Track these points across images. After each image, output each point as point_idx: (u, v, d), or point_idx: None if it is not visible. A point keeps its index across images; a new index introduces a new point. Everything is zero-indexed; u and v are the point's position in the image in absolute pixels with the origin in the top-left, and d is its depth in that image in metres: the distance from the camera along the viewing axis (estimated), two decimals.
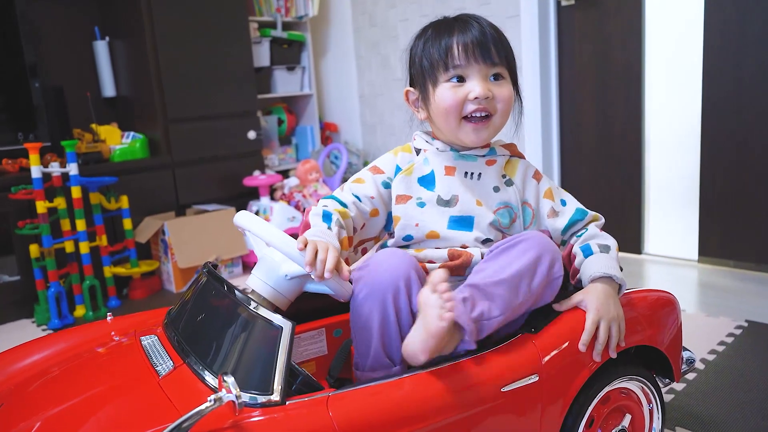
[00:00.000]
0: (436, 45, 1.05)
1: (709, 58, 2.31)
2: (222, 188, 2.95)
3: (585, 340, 0.97)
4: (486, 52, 1.02)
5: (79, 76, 2.87)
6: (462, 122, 1.06)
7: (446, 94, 1.04)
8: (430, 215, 1.08)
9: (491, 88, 1.04)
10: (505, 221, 1.08)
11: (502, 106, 1.05)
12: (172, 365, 0.90)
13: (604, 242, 1.08)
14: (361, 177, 1.14)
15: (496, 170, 1.11)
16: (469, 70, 1.03)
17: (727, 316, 1.92)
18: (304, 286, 1.04)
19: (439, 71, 1.05)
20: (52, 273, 2.26)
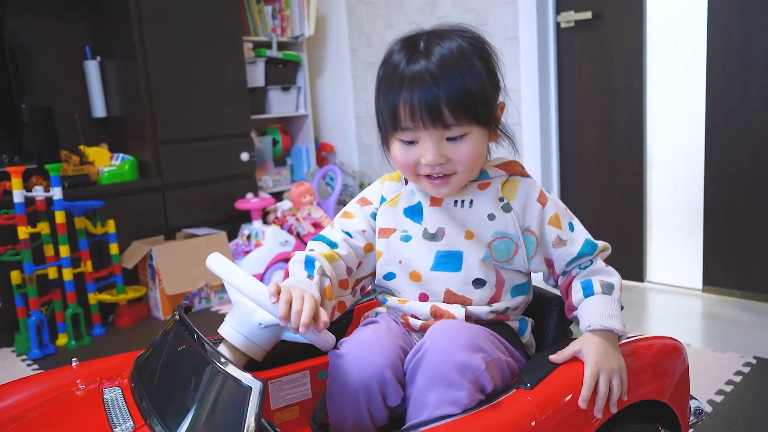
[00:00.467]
0: (384, 99, 0.92)
1: (713, 80, 2.25)
2: (213, 211, 2.88)
3: (584, 396, 0.89)
4: (436, 116, 0.87)
5: (69, 96, 2.81)
6: (420, 177, 0.95)
7: (398, 153, 0.94)
8: (415, 251, 0.99)
9: (445, 151, 0.91)
10: (501, 255, 0.97)
11: (463, 166, 0.92)
12: (132, 426, 0.82)
13: (608, 280, 0.99)
14: (349, 211, 1.06)
15: (491, 194, 0.98)
16: (418, 133, 0.90)
17: (734, 352, 1.84)
18: (281, 334, 0.96)
19: (390, 127, 0.93)
20: (33, 301, 2.18)
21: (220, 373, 0.80)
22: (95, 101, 2.84)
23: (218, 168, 2.89)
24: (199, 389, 0.82)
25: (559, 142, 2.71)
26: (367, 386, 0.89)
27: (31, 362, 2.14)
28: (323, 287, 0.94)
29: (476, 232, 0.97)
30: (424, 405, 0.86)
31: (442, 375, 0.84)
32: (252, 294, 0.86)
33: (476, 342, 0.87)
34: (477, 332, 0.89)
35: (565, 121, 2.68)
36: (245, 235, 2.82)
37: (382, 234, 1.02)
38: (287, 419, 1.21)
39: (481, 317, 0.98)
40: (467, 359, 0.84)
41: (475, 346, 0.86)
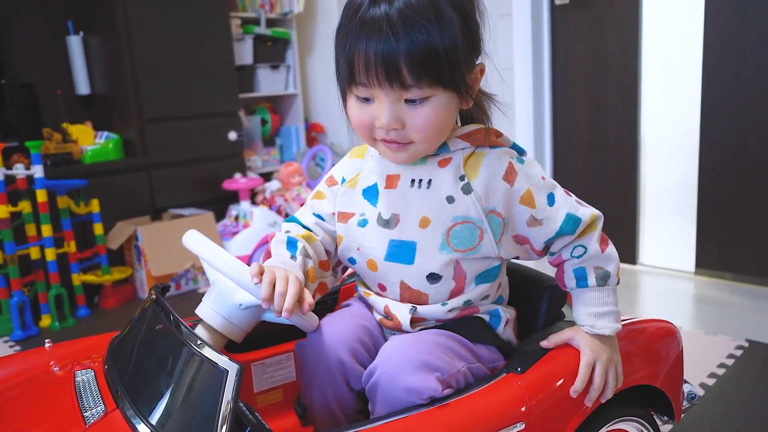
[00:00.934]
0: (341, 47, 0.79)
1: (709, 60, 2.21)
2: (200, 192, 2.83)
3: (578, 387, 0.85)
4: (393, 74, 0.75)
5: (52, 72, 2.74)
6: (376, 141, 0.84)
7: (353, 112, 0.83)
8: (370, 238, 0.91)
9: (403, 114, 0.79)
10: (463, 243, 0.85)
11: (420, 134, 0.80)
12: (103, 410, 0.79)
13: (604, 267, 0.89)
14: (320, 190, 0.99)
15: (451, 172, 0.85)
16: (373, 90, 0.78)
17: (726, 335, 1.82)
18: (262, 315, 0.92)
19: (345, 80, 0.81)
20: (15, 281, 2.13)
21: (195, 356, 0.77)
22: (79, 78, 2.77)
23: (205, 147, 2.83)
24: (174, 372, 0.78)
25: (553, 122, 2.66)
26: (328, 371, 0.87)
27: (13, 343, 2.10)
28: (306, 268, 0.90)
29: (433, 217, 0.86)
30: None
31: (395, 400, 0.80)
32: (231, 273, 0.83)
33: (428, 360, 0.80)
34: (431, 348, 0.82)
35: (559, 100, 2.63)
36: (233, 215, 2.77)
37: (341, 218, 0.95)
38: (271, 402, 1.18)
39: (438, 317, 0.90)
40: (418, 383, 0.78)
41: (427, 365, 0.80)
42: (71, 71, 2.77)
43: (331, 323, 0.91)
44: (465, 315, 0.92)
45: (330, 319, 0.93)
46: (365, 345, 0.90)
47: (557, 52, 2.60)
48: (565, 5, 2.53)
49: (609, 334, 0.89)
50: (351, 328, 0.90)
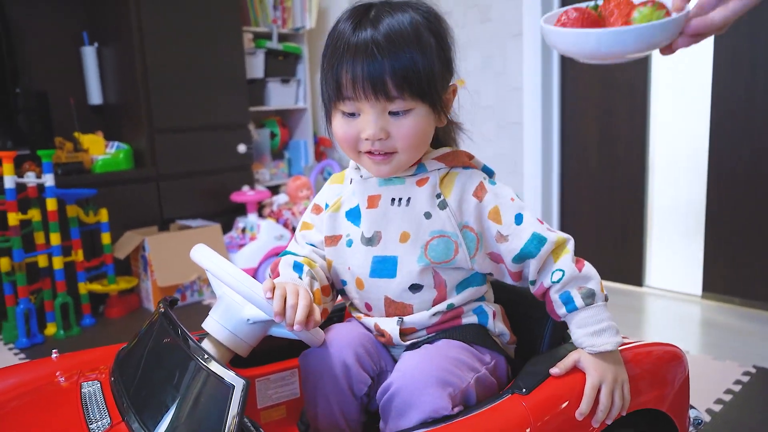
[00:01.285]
0: (328, 67, 0.86)
1: (719, 79, 2.21)
2: (208, 203, 2.84)
3: (583, 409, 0.85)
4: (379, 87, 0.82)
5: (65, 82, 2.77)
6: (361, 154, 0.89)
7: (339, 127, 0.89)
8: (356, 256, 0.94)
9: (387, 126, 0.85)
10: (439, 255, 0.89)
11: (403, 143, 0.86)
12: (109, 423, 0.79)
13: (587, 286, 0.89)
14: (307, 221, 1.03)
15: (428, 190, 0.91)
16: (360, 105, 0.85)
17: (733, 360, 1.81)
18: (269, 330, 0.93)
19: (332, 98, 0.87)
20: (22, 289, 2.14)
21: (202, 370, 0.77)
22: (91, 88, 2.80)
23: (214, 159, 2.85)
24: (180, 386, 0.78)
25: (561, 141, 2.67)
26: (332, 377, 0.89)
27: (18, 351, 2.10)
28: (313, 290, 0.92)
29: (413, 232, 0.91)
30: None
31: (408, 417, 0.83)
32: (240, 288, 0.83)
33: (442, 376, 0.83)
34: (444, 363, 0.86)
35: (567, 120, 2.64)
36: (240, 228, 2.78)
37: (329, 242, 0.98)
38: (274, 418, 1.17)
39: (425, 324, 0.93)
40: (431, 401, 0.81)
41: (441, 382, 0.83)
42: (84, 81, 2.80)
43: (335, 330, 0.94)
44: (453, 321, 0.94)
45: (334, 328, 0.96)
46: (368, 351, 0.92)
47: (566, 72, 2.61)
48: None
49: (611, 348, 0.89)
50: (355, 335, 0.93)
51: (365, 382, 0.91)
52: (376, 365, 0.93)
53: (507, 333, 1.00)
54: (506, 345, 1.00)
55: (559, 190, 2.71)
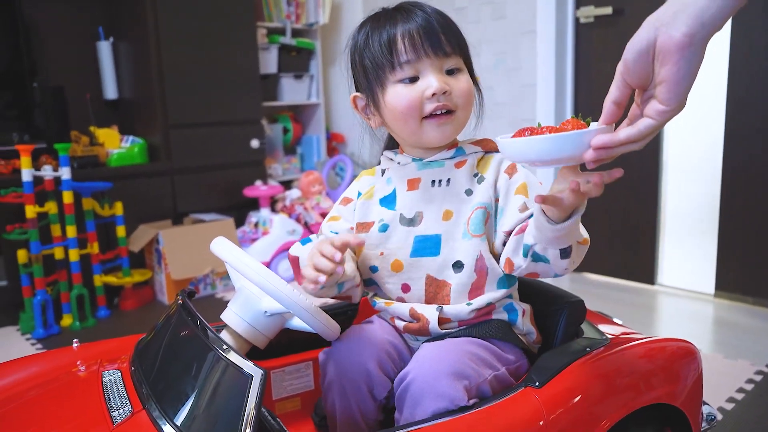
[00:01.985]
0: (377, 41, 0.91)
1: (735, 78, 2.20)
2: (221, 198, 2.87)
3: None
4: (436, 43, 0.89)
5: (81, 76, 2.80)
6: (423, 122, 0.92)
7: (399, 96, 0.91)
8: (394, 239, 0.97)
9: (448, 81, 0.91)
10: (477, 227, 0.92)
11: (463, 100, 0.93)
12: (130, 410, 0.80)
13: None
14: (334, 214, 1.06)
15: (467, 171, 0.96)
16: (419, 65, 0.90)
17: (745, 359, 1.80)
18: (286, 323, 0.94)
19: (386, 71, 0.91)
20: (39, 280, 2.17)
21: (221, 360, 0.78)
22: (107, 82, 2.83)
23: (228, 154, 2.87)
24: (199, 376, 0.80)
25: None
26: (354, 382, 0.91)
27: (35, 341, 2.13)
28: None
29: (455, 210, 0.94)
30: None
31: (424, 406, 0.84)
32: (260, 281, 0.84)
33: (459, 368, 0.85)
34: (462, 357, 0.87)
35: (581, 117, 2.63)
36: (253, 222, 2.80)
37: (360, 228, 1.01)
38: (288, 410, 1.19)
39: (462, 317, 0.94)
40: (447, 391, 0.83)
41: (458, 373, 0.84)
42: (100, 76, 2.83)
43: (357, 334, 0.96)
44: (484, 316, 0.96)
45: (358, 331, 0.97)
46: (392, 357, 0.95)
47: (580, 70, 2.60)
48: (590, 23, 2.54)
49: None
50: (379, 340, 0.95)
51: (386, 387, 0.93)
52: (397, 368, 0.95)
53: (534, 332, 1.01)
54: (531, 344, 1.01)
55: None
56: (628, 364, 0.96)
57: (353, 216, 1.02)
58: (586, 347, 0.96)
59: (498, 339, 0.95)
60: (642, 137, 0.70)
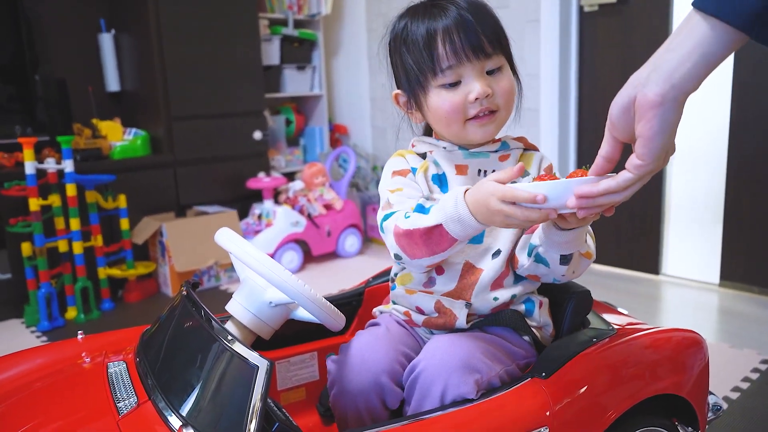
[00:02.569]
0: (417, 45, 0.89)
1: (740, 69, 2.18)
2: (225, 190, 2.86)
3: None
4: (477, 47, 0.88)
5: (83, 69, 2.79)
6: (466, 123, 0.92)
7: (442, 100, 0.90)
8: None
9: (490, 83, 0.90)
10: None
11: (504, 100, 0.92)
12: (136, 401, 0.80)
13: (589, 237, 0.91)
14: (397, 186, 0.95)
15: (511, 164, 0.98)
16: (461, 70, 0.89)
17: (751, 348, 1.80)
18: (291, 313, 0.94)
19: (427, 76, 0.90)
20: (43, 273, 2.18)
21: (226, 351, 0.78)
22: (109, 75, 2.82)
23: (231, 146, 2.86)
24: (205, 367, 0.80)
25: (578, 128, 2.65)
26: (365, 393, 0.90)
27: (40, 334, 2.14)
28: None
29: None
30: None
31: (432, 397, 0.84)
32: (265, 271, 0.84)
33: (471, 362, 0.85)
34: (473, 350, 0.87)
35: (585, 107, 2.62)
36: (256, 214, 2.80)
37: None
38: (293, 400, 1.19)
39: (484, 311, 0.95)
40: (457, 383, 0.83)
41: (470, 367, 0.84)
42: (102, 68, 2.82)
43: (369, 343, 0.93)
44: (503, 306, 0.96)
45: (369, 340, 0.94)
46: (404, 364, 0.93)
47: (584, 59, 2.59)
48: (594, 12, 2.52)
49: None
50: (390, 350, 0.93)
51: (399, 397, 0.91)
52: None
53: (550, 324, 1.01)
54: (547, 337, 1.00)
55: None
56: (634, 355, 0.96)
57: (415, 185, 0.95)
58: (593, 338, 0.96)
59: (510, 329, 0.95)
60: (621, 189, 0.73)
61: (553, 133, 2.61)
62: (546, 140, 2.64)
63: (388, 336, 0.97)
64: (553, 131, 2.61)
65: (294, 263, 2.75)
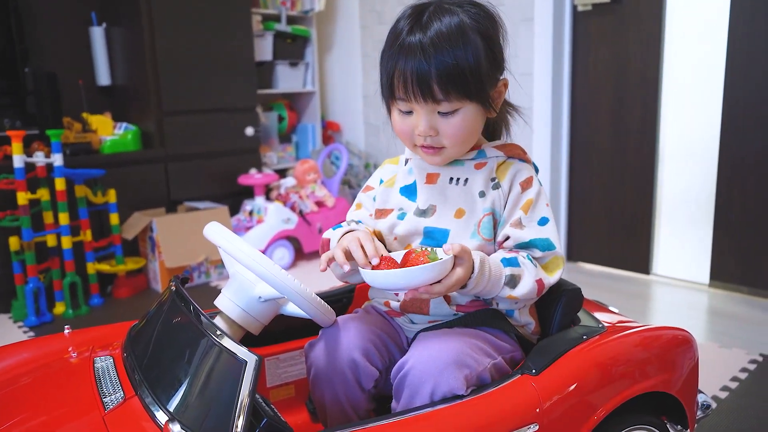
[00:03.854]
0: (385, 69, 0.93)
1: (732, 69, 2.19)
2: (216, 185, 2.85)
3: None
4: (426, 91, 0.88)
5: (74, 62, 2.76)
6: (416, 147, 0.97)
7: (396, 122, 0.96)
8: (406, 227, 0.99)
9: (437, 124, 0.92)
10: (488, 232, 0.95)
11: (450, 140, 0.93)
12: (122, 396, 0.80)
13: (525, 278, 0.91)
14: (358, 202, 1.10)
15: (485, 173, 0.98)
16: (411, 104, 0.92)
17: (740, 348, 1.81)
18: (280, 309, 0.93)
19: (387, 95, 0.95)
20: (31, 268, 2.15)
21: (215, 346, 0.77)
22: (100, 69, 2.80)
23: (222, 142, 2.85)
24: (192, 362, 0.79)
25: (570, 127, 2.65)
26: (340, 371, 0.92)
27: (27, 329, 2.12)
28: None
29: (468, 209, 0.96)
30: None
31: (422, 395, 0.84)
32: (253, 266, 0.83)
33: (460, 358, 0.86)
34: (461, 346, 0.87)
35: (578, 106, 2.62)
36: (247, 210, 2.79)
37: (379, 214, 1.03)
38: (283, 397, 1.19)
39: (459, 301, 0.96)
40: (447, 380, 0.83)
41: (459, 362, 0.85)
42: (93, 62, 2.80)
43: (343, 325, 0.96)
44: (483, 306, 0.96)
45: (343, 320, 0.97)
46: (377, 345, 0.95)
47: (578, 58, 2.59)
48: (588, 11, 2.52)
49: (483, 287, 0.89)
50: (364, 330, 0.95)
51: (373, 376, 0.93)
52: (384, 358, 0.96)
53: (532, 322, 1.01)
54: (530, 334, 1.01)
55: (568, 176, 2.70)
56: (624, 352, 0.96)
57: (372, 204, 1.06)
58: (583, 335, 0.96)
59: (491, 327, 0.95)
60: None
61: (546, 130, 2.62)
62: (538, 138, 2.64)
63: (365, 318, 0.99)
64: (546, 128, 2.61)
65: (285, 260, 2.74)
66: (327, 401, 0.94)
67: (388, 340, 0.98)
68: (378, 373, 0.94)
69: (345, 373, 0.92)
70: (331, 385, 0.93)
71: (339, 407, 0.94)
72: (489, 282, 0.89)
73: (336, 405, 0.94)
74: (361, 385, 0.93)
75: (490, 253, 0.94)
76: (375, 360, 0.94)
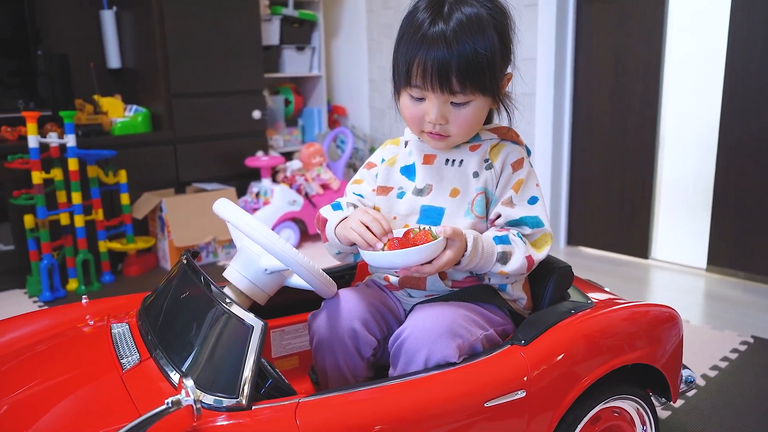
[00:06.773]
0: (402, 55, 0.96)
1: (733, 56, 2.22)
2: (223, 167, 2.90)
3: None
4: (445, 81, 0.92)
5: (85, 45, 2.81)
6: (422, 132, 1.01)
7: (405, 107, 1.00)
8: (405, 206, 1.04)
9: (448, 113, 0.96)
10: (481, 209, 1.00)
11: (458, 131, 0.98)
12: (138, 358, 0.86)
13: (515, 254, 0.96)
14: (358, 177, 1.14)
15: (479, 155, 1.03)
16: (426, 92, 0.95)
17: (732, 330, 1.86)
18: (285, 280, 0.99)
19: (402, 81, 0.98)
20: (45, 245, 2.22)
21: (224, 313, 0.83)
22: (110, 51, 2.84)
23: (230, 124, 2.90)
24: (203, 327, 0.84)
25: (572, 112, 2.69)
26: (341, 339, 0.97)
27: (42, 304, 2.19)
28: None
29: (462, 189, 1.02)
30: None
31: (417, 362, 0.90)
32: (261, 239, 0.88)
33: (453, 328, 0.91)
34: (455, 317, 0.93)
35: (580, 91, 2.65)
36: (254, 192, 2.84)
37: (380, 192, 1.08)
38: (287, 368, 1.25)
39: (455, 276, 1.01)
40: (441, 348, 0.89)
41: (452, 332, 0.90)
42: (103, 45, 2.85)
43: (344, 296, 1.01)
44: (477, 281, 1.01)
45: (345, 292, 1.03)
46: (375, 316, 1.01)
47: (580, 44, 2.62)
48: None
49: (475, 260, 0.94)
50: (364, 301, 1.01)
51: (372, 345, 0.99)
52: (383, 328, 1.02)
53: (524, 297, 1.06)
54: (522, 309, 1.06)
55: (569, 161, 2.74)
56: (611, 326, 1.01)
57: (374, 180, 1.10)
58: (571, 309, 1.01)
59: (485, 302, 1.00)
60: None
61: (548, 114, 2.65)
62: (541, 124, 2.68)
63: (366, 291, 1.04)
64: (548, 112, 2.65)
65: (291, 241, 2.80)
66: (328, 368, 1.00)
67: (386, 312, 1.03)
68: (376, 342, 0.99)
69: (345, 341, 0.98)
70: (333, 353, 0.99)
71: (339, 374, 0.99)
72: (482, 259, 0.94)
73: (336, 371, 0.99)
74: (360, 353, 0.99)
75: (483, 231, 1.00)
76: (374, 330, 1.00)
